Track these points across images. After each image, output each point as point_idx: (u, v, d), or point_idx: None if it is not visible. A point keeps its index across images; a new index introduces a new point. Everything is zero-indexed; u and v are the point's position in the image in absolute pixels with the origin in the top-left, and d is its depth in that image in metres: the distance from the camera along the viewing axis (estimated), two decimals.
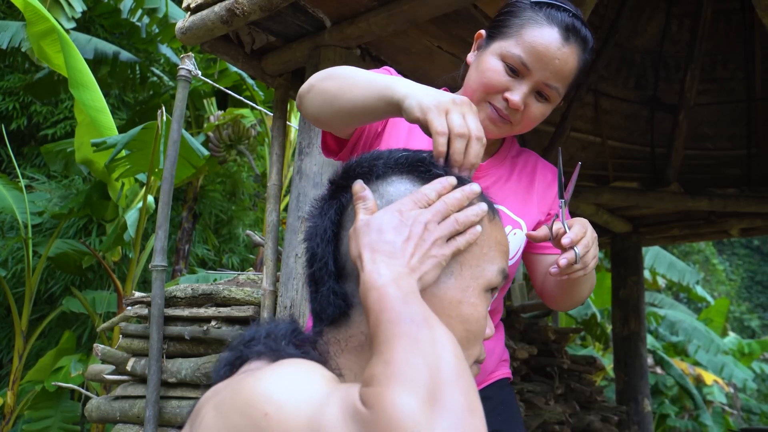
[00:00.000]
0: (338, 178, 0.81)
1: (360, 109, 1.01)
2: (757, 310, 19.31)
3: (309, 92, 1.10)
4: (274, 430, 0.57)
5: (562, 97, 1.21)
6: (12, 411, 4.79)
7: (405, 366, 0.57)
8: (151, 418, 2.30)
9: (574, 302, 1.28)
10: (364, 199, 0.75)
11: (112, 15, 5.97)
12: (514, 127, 1.20)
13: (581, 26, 1.16)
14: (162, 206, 2.59)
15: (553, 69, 1.13)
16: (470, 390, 0.57)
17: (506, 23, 1.17)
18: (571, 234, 1.02)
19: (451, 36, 2.33)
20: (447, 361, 0.58)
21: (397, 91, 0.94)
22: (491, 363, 1.34)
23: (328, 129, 1.17)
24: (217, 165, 6.33)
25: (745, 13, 3.53)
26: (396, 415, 0.53)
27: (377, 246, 0.69)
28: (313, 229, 0.79)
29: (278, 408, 0.58)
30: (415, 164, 0.80)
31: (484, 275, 0.77)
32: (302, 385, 0.61)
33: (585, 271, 1.04)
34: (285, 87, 2.56)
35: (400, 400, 0.53)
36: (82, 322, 5.93)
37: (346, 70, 1.07)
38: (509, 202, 1.28)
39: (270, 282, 2.31)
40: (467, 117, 0.88)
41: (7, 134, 6.35)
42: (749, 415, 11.52)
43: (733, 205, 3.82)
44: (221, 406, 0.63)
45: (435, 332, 0.61)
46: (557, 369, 3.61)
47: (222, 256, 7.79)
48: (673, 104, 3.77)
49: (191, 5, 2.26)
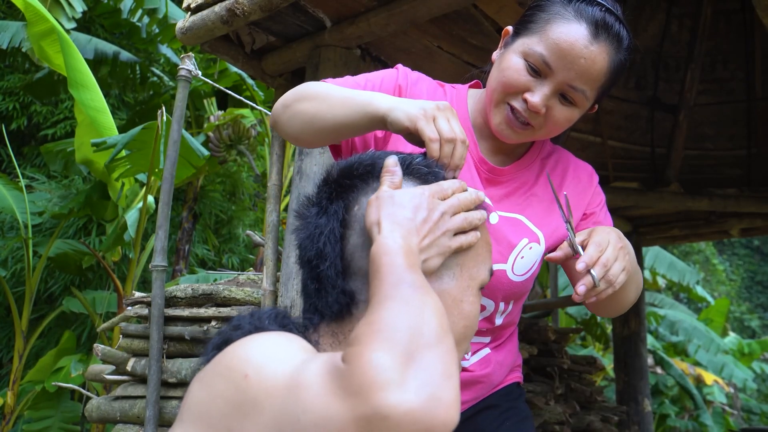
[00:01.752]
0: (339, 178, 0.82)
1: (342, 126, 1.02)
2: (757, 310, 19.31)
3: (284, 114, 1.10)
4: (253, 390, 0.59)
5: (592, 101, 1.12)
6: (12, 411, 4.79)
7: (388, 327, 0.59)
8: (151, 419, 2.30)
9: (620, 309, 1.19)
10: (392, 174, 0.79)
11: (112, 15, 5.97)
12: (537, 131, 1.12)
13: (614, 22, 1.05)
14: (162, 206, 2.59)
15: (578, 69, 1.04)
16: (449, 356, 0.59)
17: (532, 18, 1.09)
18: (585, 257, 0.96)
19: (451, 36, 2.33)
20: (431, 326, 0.60)
21: (380, 106, 0.95)
22: (500, 373, 1.30)
23: (311, 147, 1.17)
24: (217, 165, 6.33)
25: (745, 13, 3.52)
26: (370, 371, 0.54)
27: (397, 218, 0.73)
28: (316, 229, 0.80)
29: (257, 369, 0.60)
30: (417, 167, 0.84)
31: (479, 275, 0.81)
32: (281, 349, 0.63)
33: (612, 288, 0.97)
34: (285, 87, 2.56)
35: (376, 358, 0.55)
36: (81, 322, 5.93)
37: (319, 88, 1.07)
38: (531, 210, 1.22)
39: (270, 282, 2.31)
40: (451, 122, 0.90)
41: (7, 134, 6.35)
42: (749, 415, 11.52)
43: (733, 205, 3.82)
44: (204, 378, 0.66)
45: (427, 298, 0.64)
46: (557, 369, 3.61)
47: (222, 256, 7.79)
48: (673, 104, 3.77)
49: (191, 5, 2.26)
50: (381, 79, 1.19)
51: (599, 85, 1.08)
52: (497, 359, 1.28)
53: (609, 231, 1.02)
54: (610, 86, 1.12)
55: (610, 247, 0.98)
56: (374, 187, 0.80)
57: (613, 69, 1.08)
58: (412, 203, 0.75)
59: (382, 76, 1.20)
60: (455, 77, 2.57)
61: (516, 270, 1.20)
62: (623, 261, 0.99)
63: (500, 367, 1.29)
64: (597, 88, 1.09)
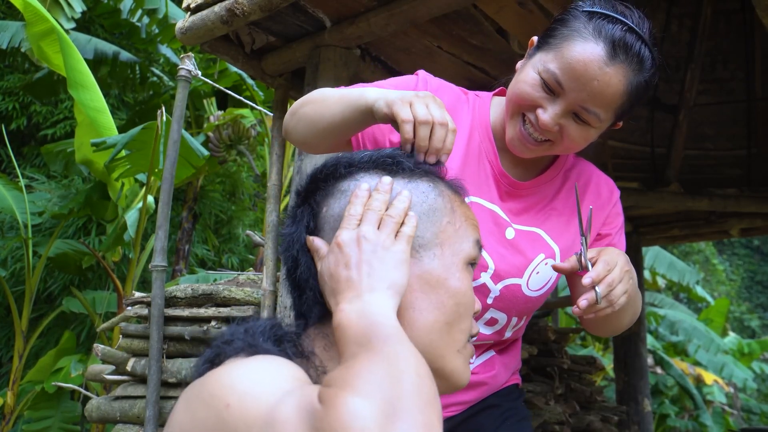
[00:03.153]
0: (305, 184, 0.84)
1: (339, 124, 1.02)
2: (757, 310, 19.30)
3: (291, 121, 1.12)
4: (234, 421, 0.58)
5: (609, 122, 1.07)
6: (12, 411, 4.79)
7: (366, 374, 0.57)
8: (151, 419, 2.30)
9: (613, 331, 1.19)
10: (316, 250, 0.77)
11: (111, 15, 5.97)
12: (552, 147, 1.09)
13: (635, 41, 0.99)
14: (162, 206, 2.59)
15: (590, 91, 1.00)
16: (429, 408, 0.57)
17: (554, 33, 1.05)
18: (592, 273, 0.95)
19: (451, 36, 2.33)
20: (409, 375, 0.58)
21: (368, 98, 0.96)
22: (504, 375, 1.31)
23: (319, 151, 1.16)
24: (217, 165, 6.33)
25: (745, 13, 3.52)
26: (346, 416, 0.52)
27: (335, 288, 0.71)
28: (290, 237, 0.81)
29: (239, 399, 0.59)
30: (381, 159, 0.82)
31: (463, 250, 0.80)
32: (266, 379, 0.61)
33: (612, 308, 0.97)
34: (285, 87, 2.56)
35: (354, 403, 0.53)
36: (80, 322, 5.93)
37: (320, 92, 1.09)
38: (549, 224, 1.20)
39: (270, 282, 2.31)
40: (430, 106, 0.88)
41: (7, 134, 6.34)
42: (749, 415, 11.52)
43: (733, 205, 3.82)
44: (189, 399, 0.65)
45: (399, 349, 0.61)
46: (557, 369, 3.61)
47: (222, 256, 7.79)
48: (673, 104, 3.77)
49: (191, 5, 2.26)
50: (395, 86, 1.15)
51: (615, 106, 1.04)
52: (502, 362, 1.29)
53: (618, 253, 1.02)
54: (632, 107, 1.07)
55: (617, 268, 0.98)
56: (338, 187, 0.80)
57: (632, 90, 1.02)
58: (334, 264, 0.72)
59: (397, 83, 1.18)
60: (455, 77, 2.58)
61: (531, 285, 1.19)
62: (626, 284, 0.99)
63: (505, 369, 1.30)
64: (613, 110, 1.04)
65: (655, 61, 1.04)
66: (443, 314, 0.76)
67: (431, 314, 0.75)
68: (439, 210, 0.80)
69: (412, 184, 0.81)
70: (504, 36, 2.34)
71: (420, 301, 0.75)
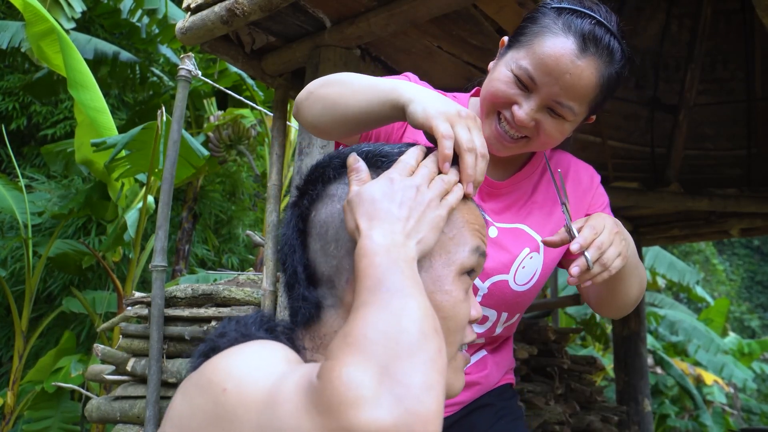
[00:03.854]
0: (299, 186, 0.82)
1: (363, 114, 0.96)
2: (757, 310, 19.30)
3: (307, 99, 1.05)
4: (232, 405, 0.58)
5: (584, 115, 1.08)
6: (12, 411, 4.79)
7: (362, 338, 0.56)
8: (151, 419, 2.30)
9: (623, 304, 1.16)
10: (357, 171, 0.75)
11: (111, 15, 5.97)
12: (530, 143, 1.09)
13: (604, 34, 1.01)
14: (162, 206, 2.59)
15: (563, 85, 1.01)
16: (430, 365, 0.56)
17: (524, 31, 1.07)
18: (579, 238, 0.94)
19: (451, 36, 2.33)
20: (409, 333, 0.57)
21: (403, 95, 0.89)
22: (497, 375, 1.31)
23: (327, 137, 1.10)
24: (217, 165, 6.33)
25: (745, 13, 3.52)
26: (341, 388, 0.52)
27: (374, 214, 0.69)
28: (282, 239, 0.81)
29: (236, 384, 0.59)
30: (373, 160, 0.79)
31: (456, 260, 0.76)
32: (263, 362, 0.61)
33: (608, 272, 0.95)
34: (285, 87, 2.56)
35: (348, 373, 0.53)
36: (80, 322, 5.93)
37: (346, 75, 1.03)
38: (532, 219, 1.21)
39: (270, 282, 2.31)
40: (473, 132, 0.83)
41: (7, 134, 6.35)
42: (749, 415, 11.52)
43: (733, 205, 3.82)
44: (186, 390, 0.65)
45: (407, 302, 0.60)
46: (557, 369, 3.61)
47: (222, 256, 7.79)
48: (673, 104, 3.77)
49: (191, 5, 2.26)
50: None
51: (589, 99, 1.05)
52: (494, 360, 1.30)
53: (606, 217, 1.00)
54: (604, 99, 1.09)
55: (606, 231, 0.96)
56: (327, 191, 0.78)
57: (604, 83, 1.04)
58: (382, 193, 0.71)
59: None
60: (455, 77, 2.58)
61: (518, 280, 1.19)
62: (618, 246, 0.97)
63: (497, 368, 1.30)
64: (587, 103, 1.06)
65: (624, 53, 1.05)
66: None
67: None
68: None
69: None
70: (504, 36, 2.34)
71: None
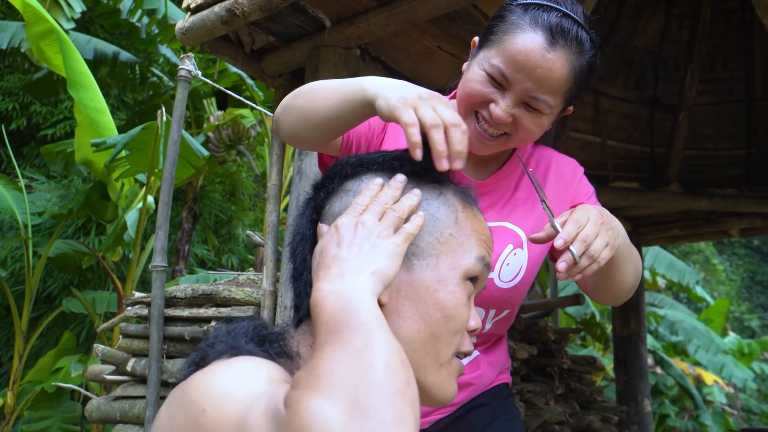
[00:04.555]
0: (318, 180, 0.86)
1: (335, 117, 0.98)
2: (757, 310, 19.31)
3: (282, 113, 1.08)
4: (210, 426, 0.58)
5: (560, 108, 1.09)
6: (12, 411, 4.79)
7: (328, 372, 0.56)
8: (151, 419, 2.30)
9: (620, 290, 1.14)
10: (320, 234, 0.77)
11: (111, 15, 5.97)
12: (509, 140, 1.10)
13: (572, 25, 1.02)
14: (162, 206, 2.59)
15: (536, 79, 1.01)
16: (399, 399, 0.55)
17: (493, 30, 1.07)
18: (563, 233, 0.93)
19: (451, 36, 2.34)
20: (375, 369, 0.56)
21: (367, 91, 0.91)
22: (491, 375, 1.31)
23: (308, 147, 1.12)
24: (217, 165, 6.33)
25: (745, 13, 3.53)
26: (308, 420, 0.51)
27: (323, 264, 0.70)
28: (295, 229, 0.83)
29: (214, 405, 0.59)
30: (389, 162, 0.82)
31: (462, 264, 0.78)
32: (241, 383, 0.61)
33: (597, 264, 0.93)
34: (285, 87, 2.56)
35: (315, 406, 0.52)
36: (80, 322, 5.93)
37: (314, 84, 1.05)
38: (515, 216, 1.21)
39: (270, 282, 2.31)
40: (438, 108, 0.84)
41: (7, 134, 6.35)
42: (749, 415, 11.53)
43: (733, 205, 3.82)
44: (171, 404, 0.65)
45: (369, 338, 0.59)
46: (557, 369, 3.61)
47: (222, 256, 7.79)
48: (673, 104, 3.77)
49: (191, 5, 2.26)
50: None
51: (563, 91, 1.05)
52: (488, 360, 1.29)
53: (589, 208, 0.97)
54: (579, 90, 1.09)
55: (590, 222, 0.94)
56: (344, 186, 0.81)
57: (576, 74, 1.04)
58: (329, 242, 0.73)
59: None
60: (455, 77, 2.57)
61: (503, 277, 1.20)
62: (605, 236, 0.95)
63: (491, 367, 1.30)
64: (561, 95, 1.06)
65: (593, 43, 1.06)
66: (428, 326, 0.75)
67: (415, 324, 0.74)
68: (441, 220, 0.79)
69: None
70: None
71: (406, 308, 0.75)
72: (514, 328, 3.44)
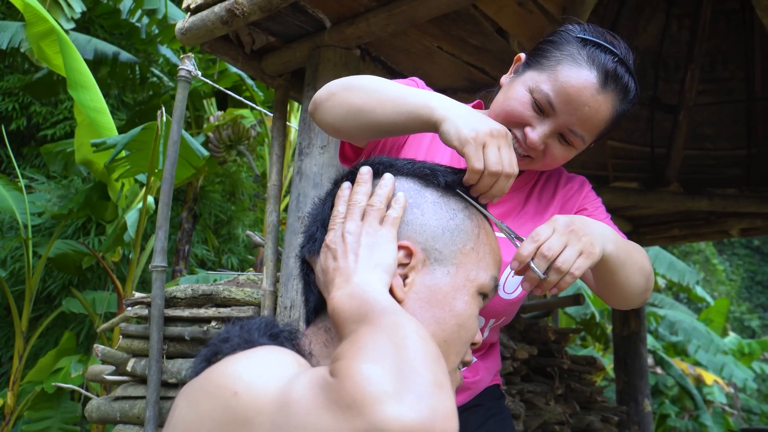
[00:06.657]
0: (346, 172, 0.88)
1: (391, 125, 0.97)
2: (757, 310, 19.30)
3: (328, 101, 1.04)
4: (243, 407, 0.57)
5: (587, 145, 1.12)
6: (12, 411, 4.79)
7: (371, 343, 0.58)
8: (151, 419, 2.30)
9: (629, 294, 1.08)
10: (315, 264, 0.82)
11: (111, 15, 5.97)
12: (533, 163, 1.11)
13: (625, 73, 1.05)
14: (162, 207, 2.59)
15: (581, 116, 1.03)
16: (436, 365, 0.58)
17: (545, 53, 1.07)
18: (516, 255, 0.88)
19: (451, 36, 2.33)
20: (412, 339, 0.59)
21: (435, 112, 0.91)
22: (488, 379, 1.35)
23: (346, 139, 1.11)
24: (217, 165, 6.33)
25: (745, 13, 3.52)
26: (362, 383, 0.53)
27: (327, 282, 0.75)
28: (313, 217, 0.86)
29: (247, 386, 0.59)
30: (420, 169, 0.84)
31: (478, 279, 0.80)
32: (273, 365, 0.62)
33: (571, 276, 0.87)
34: (285, 87, 2.56)
35: (366, 369, 0.54)
36: (80, 322, 5.93)
37: (371, 82, 1.02)
38: (524, 229, 1.21)
39: (270, 282, 2.31)
40: (502, 150, 0.88)
41: (7, 134, 6.35)
42: (749, 415, 11.52)
43: (733, 205, 3.82)
44: (191, 395, 0.64)
45: (396, 317, 0.63)
46: (557, 369, 3.61)
47: (222, 256, 7.79)
48: (673, 104, 3.77)
49: (191, 6, 2.26)
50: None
51: (599, 131, 1.09)
52: (485, 365, 1.34)
53: (556, 218, 0.90)
54: (608, 132, 1.13)
55: (555, 234, 0.88)
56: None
57: (614, 118, 1.08)
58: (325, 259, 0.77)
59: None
60: (455, 77, 2.58)
61: (507, 288, 1.21)
62: (577, 245, 0.87)
63: (488, 372, 1.34)
64: (596, 134, 1.09)
65: (636, 93, 1.10)
66: (442, 331, 0.76)
67: (430, 327, 0.75)
68: (465, 232, 0.81)
69: (443, 199, 0.82)
70: (504, 36, 2.35)
71: (423, 311, 0.76)
72: (514, 328, 3.44)
